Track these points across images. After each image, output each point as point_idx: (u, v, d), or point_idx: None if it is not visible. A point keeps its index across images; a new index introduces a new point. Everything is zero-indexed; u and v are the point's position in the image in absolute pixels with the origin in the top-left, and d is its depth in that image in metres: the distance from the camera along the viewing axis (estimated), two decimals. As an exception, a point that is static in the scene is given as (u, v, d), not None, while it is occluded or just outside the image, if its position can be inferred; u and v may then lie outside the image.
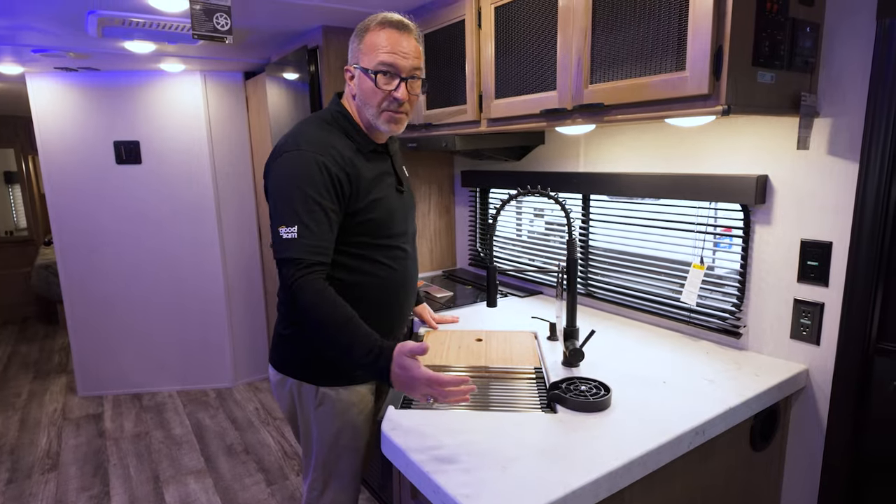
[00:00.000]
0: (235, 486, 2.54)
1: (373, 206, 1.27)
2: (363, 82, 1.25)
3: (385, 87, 1.24)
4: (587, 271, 2.05)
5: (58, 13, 1.97)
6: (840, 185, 1.31)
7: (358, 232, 1.26)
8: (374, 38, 1.24)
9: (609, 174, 1.84)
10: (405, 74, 1.24)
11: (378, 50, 1.23)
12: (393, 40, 1.23)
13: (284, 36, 2.47)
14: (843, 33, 1.26)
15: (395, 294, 1.37)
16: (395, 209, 1.34)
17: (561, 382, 1.29)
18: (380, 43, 1.23)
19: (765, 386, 1.30)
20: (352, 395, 1.36)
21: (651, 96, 1.24)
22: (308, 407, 1.37)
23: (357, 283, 1.29)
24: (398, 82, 1.24)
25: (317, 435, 1.38)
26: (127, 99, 3.26)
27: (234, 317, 3.61)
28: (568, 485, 0.94)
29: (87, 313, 3.44)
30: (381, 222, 1.29)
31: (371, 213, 1.26)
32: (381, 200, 1.29)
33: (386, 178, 1.34)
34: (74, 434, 3.08)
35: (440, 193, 2.73)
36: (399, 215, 1.35)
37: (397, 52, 1.23)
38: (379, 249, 1.30)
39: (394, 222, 1.33)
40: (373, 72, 1.23)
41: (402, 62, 1.23)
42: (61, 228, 3.33)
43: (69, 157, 3.27)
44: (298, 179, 1.18)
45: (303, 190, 1.17)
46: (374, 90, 1.24)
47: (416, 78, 1.28)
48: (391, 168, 1.38)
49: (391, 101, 1.25)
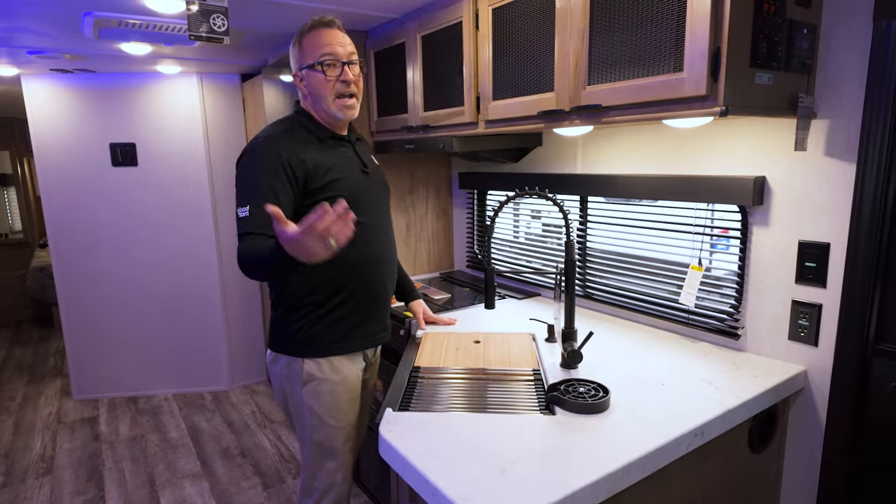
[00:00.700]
0: (231, 489, 2.52)
1: (334, 185, 1.40)
2: (312, 78, 1.43)
3: (331, 74, 1.41)
4: (585, 273, 2.05)
5: (54, 15, 1.96)
6: (837, 187, 1.31)
7: None
8: (310, 40, 1.42)
9: (607, 176, 1.84)
10: (345, 59, 1.42)
11: (316, 46, 1.41)
12: (326, 36, 1.41)
13: (281, 37, 2.47)
14: (839, 35, 1.26)
15: (364, 262, 1.48)
16: (357, 187, 1.47)
17: (559, 384, 1.28)
18: (316, 41, 1.41)
19: (763, 387, 1.30)
20: (336, 375, 1.47)
21: (649, 97, 1.24)
22: (296, 386, 1.48)
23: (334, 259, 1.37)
24: (341, 67, 1.42)
25: (306, 414, 1.49)
26: (123, 101, 3.25)
27: (230, 319, 3.60)
28: (567, 487, 0.93)
29: (82, 316, 3.42)
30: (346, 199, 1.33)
31: (332, 192, 1.39)
32: (342, 180, 1.43)
33: (346, 161, 1.48)
34: (69, 438, 3.06)
35: (438, 195, 2.73)
36: (364, 193, 1.48)
37: (332, 42, 1.41)
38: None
39: (358, 201, 1.42)
40: (318, 63, 1.40)
41: (339, 50, 1.42)
42: (56, 231, 3.32)
43: (65, 159, 3.26)
44: (253, 166, 1.35)
45: (256, 174, 1.34)
46: (323, 80, 1.41)
47: (354, 63, 1.45)
48: (353, 153, 1.52)
49: (341, 84, 1.42)
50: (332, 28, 1.43)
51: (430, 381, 1.42)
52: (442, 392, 1.35)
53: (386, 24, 2.23)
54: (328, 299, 1.44)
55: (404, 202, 2.62)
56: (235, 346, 3.65)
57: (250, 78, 3.30)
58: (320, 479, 1.53)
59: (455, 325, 1.84)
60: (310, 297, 1.44)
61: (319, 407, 1.47)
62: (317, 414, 1.48)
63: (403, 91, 2.15)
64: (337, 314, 1.46)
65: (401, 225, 2.62)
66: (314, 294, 1.44)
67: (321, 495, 1.54)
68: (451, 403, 1.29)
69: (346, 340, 1.48)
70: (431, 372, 1.46)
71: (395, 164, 2.55)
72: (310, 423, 1.49)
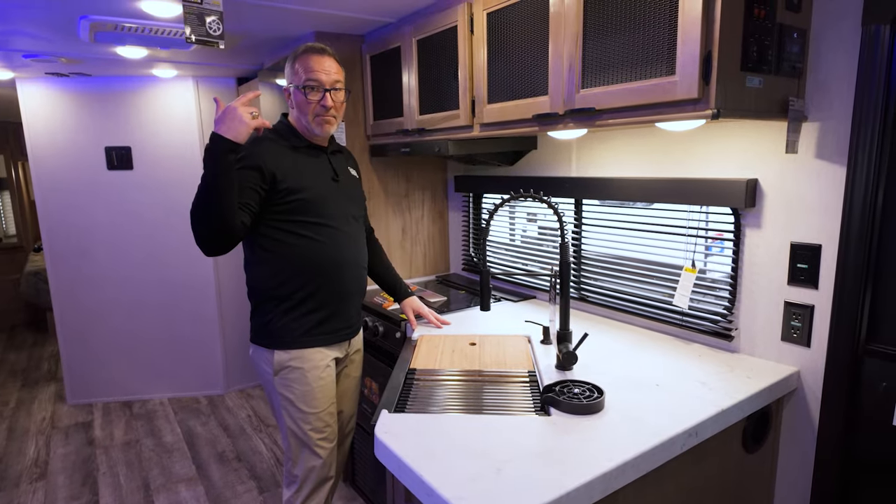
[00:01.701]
0: (227, 493, 2.51)
1: (302, 189, 1.53)
2: (297, 96, 1.56)
3: (313, 97, 1.54)
4: (580, 275, 2.06)
5: (50, 18, 1.97)
6: (828, 189, 1.32)
7: (290, 210, 1.53)
8: (300, 63, 1.54)
9: (601, 179, 1.85)
10: (328, 86, 1.55)
11: (303, 70, 1.54)
12: (314, 62, 1.54)
13: (277, 41, 2.48)
14: (829, 39, 1.28)
15: (328, 262, 1.58)
16: (325, 193, 1.59)
17: (554, 385, 1.29)
18: (305, 65, 1.54)
19: (756, 388, 1.31)
20: (305, 363, 1.57)
21: (642, 100, 1.25)
22: (267, 374, 1.59)
23: (287, 251, 1.54)
24: (323, 93, 1.55)
25: (280, 403, 1.59)
26: (118, 104, 3.25)
27: (226, 323, 3.59)
28: (562, 487, 0.94)
29: (76, 320, 3.41)
30: (311, 202, 1.55)
31: (301, 195, 1.53)
32: (309, 187, 1.55)
33: (319, 169, 1.62)
34: (63, 442, 3.04)
35: (433, 199, 2.73)
36: (330, 199, 1.60)
37: (318, 69, 1.54)
38: (308, 225, 1.55)
39: (324, 203, 1.58)
40: (301, 87, 1.54)
41: (323, 77, 1.54)
42: (51, 235, 3.31)
43: (60, 162, 3.25)
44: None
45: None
46: (305, 101, 1.55)
47: (338, 89, 1.59)
48: (326, 162, 1.65)
49: (320, 108, 1.56)
50: (323, 56, 1.56)
51: (425, 382, 1.43)
52: (437, 394, 1.36)
53: (382, 29, 2.25)
54: (293, 293, 1.56)
55: (400, 205, 2.63)
56: (231, 350, 3.64)
57: (246, 81, 3.31)
58: (300, 466, 1.62)
59: (449, 325, 1.85)
60: (278, 291, 1.56)
61: (291, 393, 1.57)
62: (289, 400, 1.57)
63: (399, 95, 2.16)
64: (303, 308, 1.57)
65: (397, 228, 2.63)
66: (281, 287, 1.55)
67: (301, 483, 1.62)
68: (446, 405, 1.29)
69: (312, 335, 1.58)
70: (427, 374, 1.47)
71: (391, 168, 2.56)
72: (283, 411, 1.59)
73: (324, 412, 1.61)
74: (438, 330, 1.81)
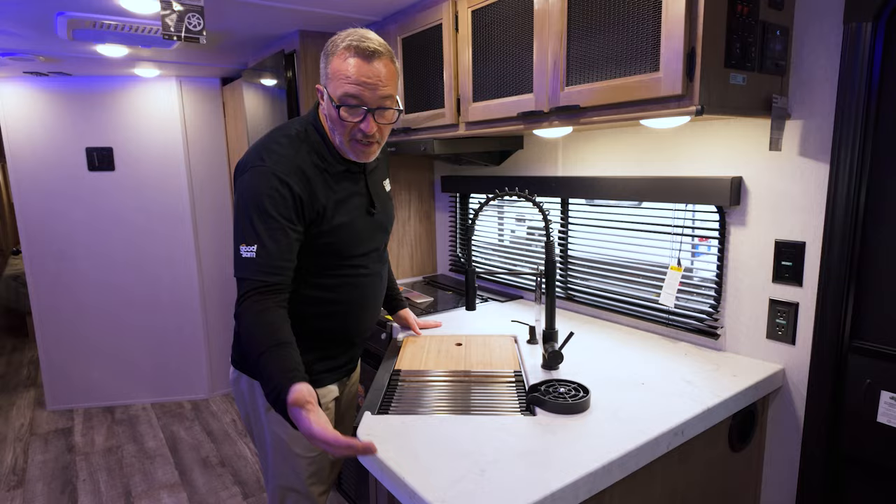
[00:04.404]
0: (210, 499, 2.47)
1: (335, 230, 1.23)
2: (330, 109, 1.19)
3: (350, 118, 1.17)
4: (567, 275, 2.05)
5: (24, 14, 1.92)
6: (812, 186, 1.32)
7: (314, 252, 1.24)
8: (339, 64, 1.15)
9: (587, 178, 1.85)
10: (373, 106, 1.17)
11: (343, 79, 1.15)
12: (359, 69, 1.14)
13: (261, 40, 2.45)
14: (811, 36, 1.28)
15: (349, 307, 1.34)
16: (359, 231, 1.30)
17: (540, 385, 1.27)
18: (345, 71, 1.14)
19: (742, 386, 1.31)
20: None
21: (626, 97, 1.24)
22: (259, 408, 1.33)
23: (304, 296, 1.27)
24: (364, 114, 1.17)
25: (270, 440, 1.33)
26: (100, 104, 3.20)
27: (210, 327, 3.54)
28: (547, 487, 0.92)
29: (57, 324, 3.34)
30: (343, 245, 1.27)
31: (332, 237, 1.23)
32: (344, 225, 1.25)
33: (355, 199, 1.29)
34: (42, 449, 2.97)
35: (420, 199, 2.71)
36: (365, 236, 1.32)
37: (363, 84, 1.14)
38: (331, 272, 1.27)
39: (355, 245, 1.30)
40: (336, 104, 1.16)
41: (368, 94, 1.15)
42: (30, 237, 3.24)
43: (39, 163, 3.19)
44: (261, 197, 1.14)
45: (264, 208, 1.14)
46: (338, 120, 1.18)
47: (387, 108, 1.19)
48: (364, 188, 1.32)
49: (359, 132, 1.19)
50: (372, 61, 1.14)
51: (410, 384, 1.40)
52: (422, 395, 1.34)
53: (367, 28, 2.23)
54: (304, 334, 1.24)
55: (386, 206, 2.60)
56: (215, 353, 3.58)
57: (231, 81, 3.27)
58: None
59: (440, 326, 1.83)
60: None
61: (285, 433, 1.30)
62: (282, 441, 1.31)
63: (384, 94, 2.14)
64: (306, 346, 1.25)
65: (383, 229, 2.60)
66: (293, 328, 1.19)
67: None
68: (431, 406, 1.27)
69: (317, 373, 1.34)
70: (412, 375, 1.45)
71: (377, 168, 2.54)
72: (273, 453, 1.33)
73: (319, 456, 1.35)
74: (426, 330, 1.79)
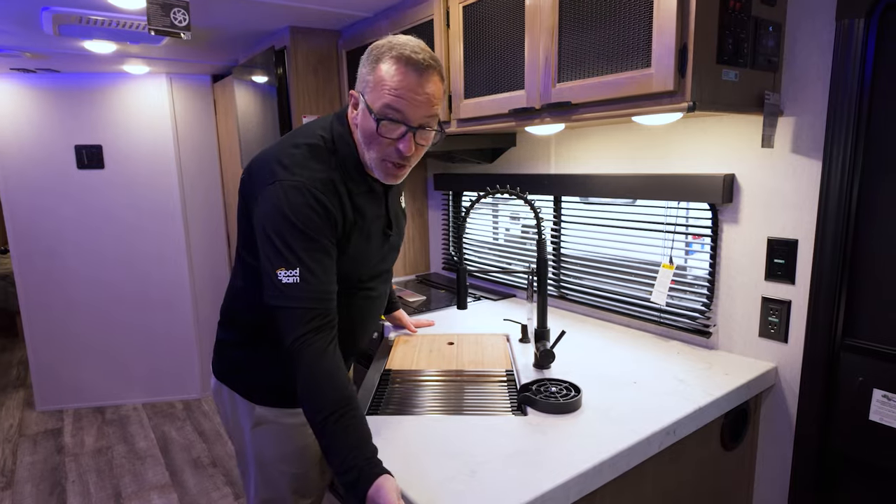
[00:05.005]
0: (201, 500, 2.45)
1: (352, 256, 1.14)
2: (366, 120, 1.07)
3: (388, 135, 1.06)
4: (559, 273, 2.04)
5: (8, 8, 1.89)
6: (804, 183, 1.32)
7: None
8: (384, 72, 1.03)
9: (580, 175, 1.84)
10: (414, 124, 1.05)
11: (387, 89, 1.03)
12: (407, 82, 1.02)
13: (251, 36, 2.42)
14: (804, 33, 1.27)
15: (355, 331, 1.26)
16: (373, 255, 1.22)
17: (531, 384, 1.26)
18: (391, 81, 1.03)
19: (734, 385, 1.30)
20: (293, 418, 1.22)
21: (618, 94, 1.23)
22: (243, 424, 1.24)
23: None
24: (405, 132, 1.06)
25: (253, 456, 1.24)
26: (89, 101, 3.16)
27: (201, 326, 3.51)
28: (538, 488, 0.91)
29: (46, 324, 3.30)
30: (355, 271, 1.18)
31: (347, 264, 1.13)
32: (361, 250, 1.17)
33: (376, 222, 1.20)
34: (31, 451, 2.94)
35: (413, 197, 2.70)
36: (378, 259, 1.24)
37: (410, 99, 1.03)
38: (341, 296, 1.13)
39: (368, 269, 1.22)
40: (376, 116, 1.04)
41: (411, 111, 1.04)
42: (18, 236, 3.20)
43: (27, 161, 3.15)
44: (297, 215, 1.02)
45: (302, 227, 1.02)
46: (374, 135, 1.06)
47: (428, 128, 1.08)
48: (384, 210, 1.22)
49: (394, 152, 1.08)
50: (423, 75, 1.03)
51: (401, 383, 1.39)
52: (413, 395, 1.32)
53: (358, 23, 2.21)
54: None
55: (379, 204, 2.59)
56: (207, 352, 3.56)
57: (221, 78, 3.24)
58: None
59: (433, 325, 1.82)
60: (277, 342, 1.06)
61: (271, 450, 1.23)
62: (267, 458, 1.24)
63: (376, 91, 2.12)
64: None
65: (375, 227, 2.58)
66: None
67: None
68: (422, 406, 1.26)
69: None
70: (403, 375, 1.43)
71: (369, 166, 2.52)
72: (257, 469, 1.25)
73: (304, 475, 1.28)
74: (418, 329, 1.77)
